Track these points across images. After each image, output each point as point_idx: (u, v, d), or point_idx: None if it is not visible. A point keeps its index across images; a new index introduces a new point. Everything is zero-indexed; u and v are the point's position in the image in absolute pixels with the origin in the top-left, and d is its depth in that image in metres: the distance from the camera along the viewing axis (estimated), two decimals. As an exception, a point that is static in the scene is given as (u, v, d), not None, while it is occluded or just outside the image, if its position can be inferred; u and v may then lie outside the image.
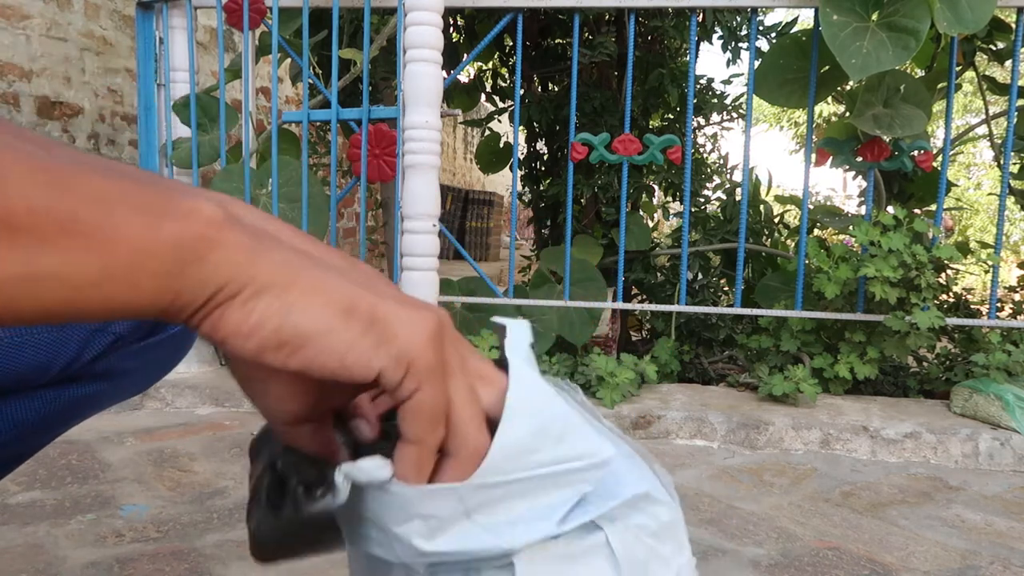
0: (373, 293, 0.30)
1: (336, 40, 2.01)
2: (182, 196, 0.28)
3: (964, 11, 1.73)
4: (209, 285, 0.28)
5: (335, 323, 0.29)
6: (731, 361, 2.45)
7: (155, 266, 0.26)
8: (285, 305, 0.28)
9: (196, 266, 0.27)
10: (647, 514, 0.39)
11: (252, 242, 0.28)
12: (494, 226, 7.16)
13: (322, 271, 0.30)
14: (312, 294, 0.29)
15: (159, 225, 0.26)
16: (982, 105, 2.40)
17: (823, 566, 1.15)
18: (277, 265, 0.29)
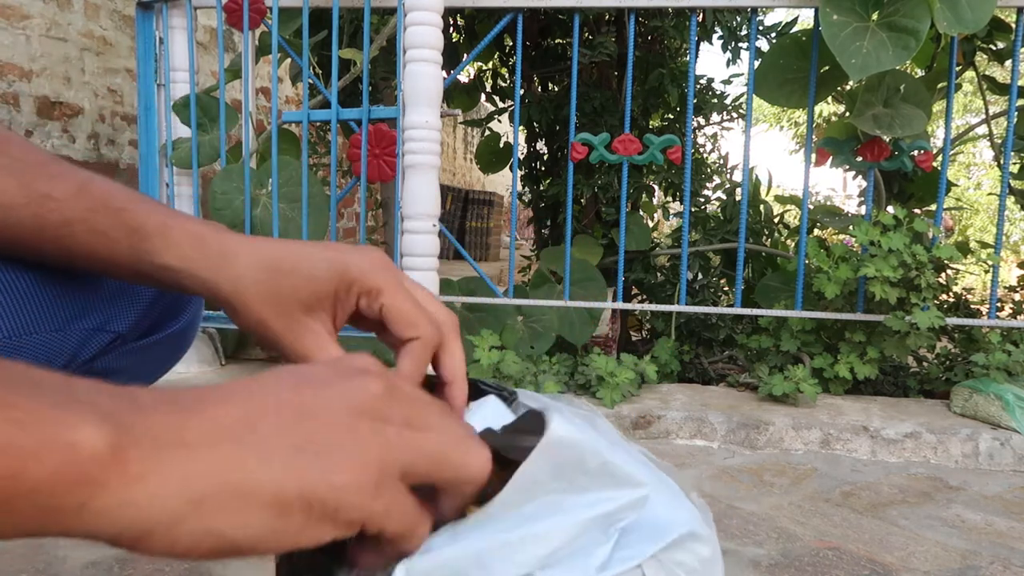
0: (302, 466, 0.28)
1: (336, 40, 2.01)
2: (65, 425, 0.24)
3: (964, 11, 1.73)
4: (102, 530, 0.25)
5: (273, 524, 0.27)
6: (731, 361, 2.45)
7: (25, 512, 0.23)
8: (212, 527, 0.26)
9: (76, 513, 0.24)
10: (687, 551, 0.38)
11: (150, 467, 0.25)
12: (494, 226, 7.15)
13: (241, 463, 0.27)
14: (237, 506, 0.27)
15: (24, 469, 0.23)
16: (982, 105, 2.40)
17: (823, 566, 1.15)
18: (186, 485, 0.26)
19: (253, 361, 2.31)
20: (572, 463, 0.36)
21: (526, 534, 0.34)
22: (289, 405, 0.29)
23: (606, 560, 0.35)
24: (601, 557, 0.35)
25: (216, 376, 2.08)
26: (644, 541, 0.36)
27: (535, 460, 0.34)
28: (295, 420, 0.29)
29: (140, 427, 0.26)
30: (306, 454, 0.28)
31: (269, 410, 0.29)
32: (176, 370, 1.87)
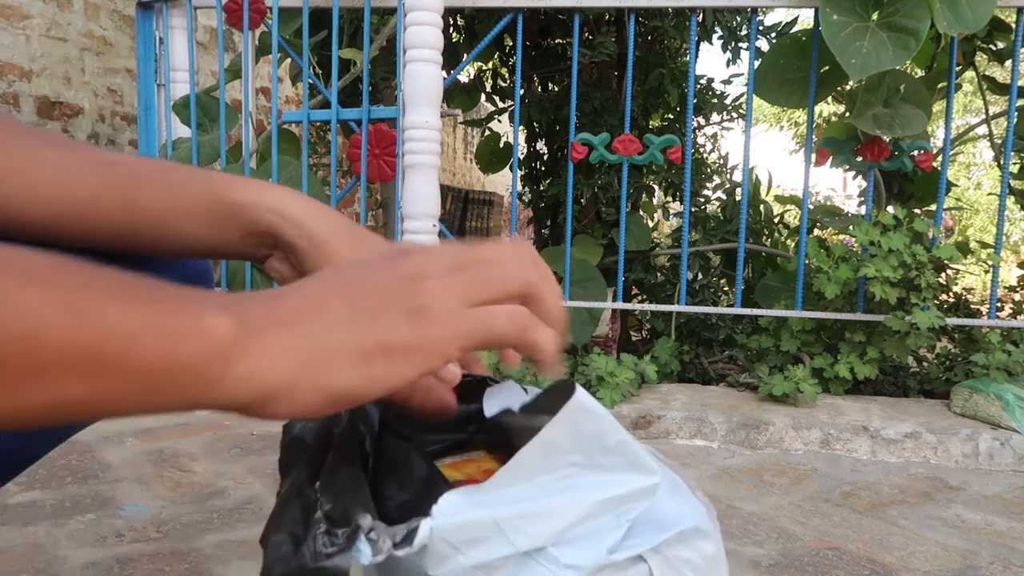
0: (370, 323, 0.34)
1: (336, 40, 2.01)
2: (196, 314, 0.30)
3: (964, 11, 1.73)
4: (236, 399, 0.31)
5: (364, 371, 0.33)
6: (731, 361, 2.45)
7: (177, 386, 0.29)
8: (318, 383, 0.33)
9: (217, 383, 0.30)
10: (692, 548, 0.38)
11: (264, 344, 0.31)
12: (494, 226, 7.15)
13: (326, 330, 0.33)
14: (332, 361, 0.33)
15: (176, 350, 0.29)
16: (982, 105, 2.40)
17: (823, 566, 1.15)
18: (292, 353, 0.32)
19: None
20: (593, 434, 0.37)
21: (542, 508, 0.35)
22: (349, 281, 0.36)
23: (616, 544, 0.36)
24: (612, 541, 0.36)
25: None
26: (651, 532, 0.37)
27: (560, 423, 0.36)
28: (355, 291, 0.35)
29: (247, 314, 0.32)
30: (367, 312, 0.34)
31: (334, 289, 0.35)
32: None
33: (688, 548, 0.38)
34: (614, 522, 0.36)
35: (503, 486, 0.35)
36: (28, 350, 0.26)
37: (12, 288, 0.26)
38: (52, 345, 0.27)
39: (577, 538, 0.35)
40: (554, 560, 0.34)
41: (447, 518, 0.33)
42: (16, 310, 0.26)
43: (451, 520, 0.33)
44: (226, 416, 1.87)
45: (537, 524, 0.35)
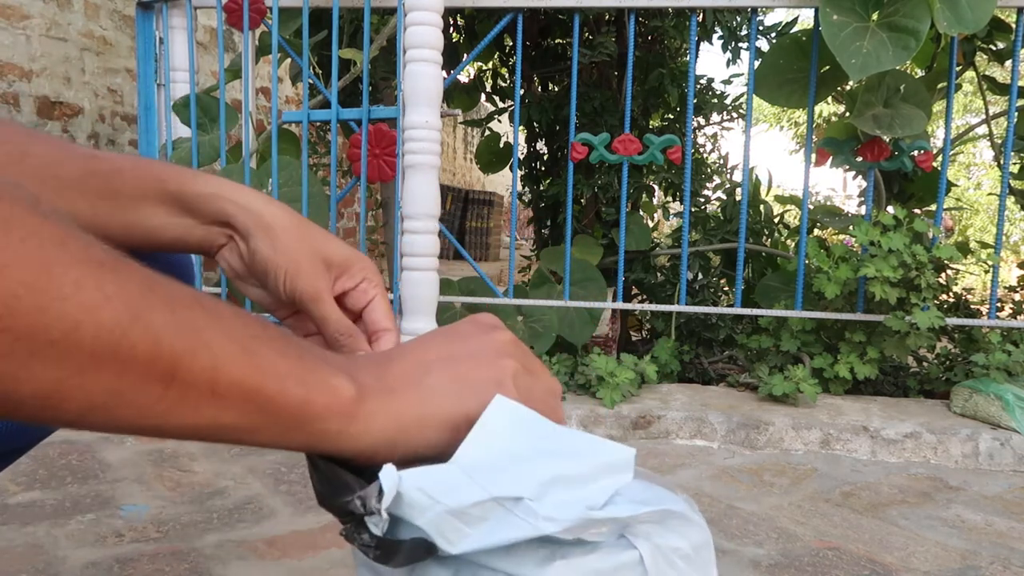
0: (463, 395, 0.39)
1: (336, 40, 2.01)
2: (329, 373, 0.36)
3: (964, 11, 1.73)
4: (346, 451, 0.37)
5: (447, 437, 0.38)
6: (731, 361, 2.45)
7: (303, 432, 0.35)
8: (411, 444, 0.38)
9: (336, 436, 0.36)
10: (680, 535, 0.38)
11: (374, 407, 0.37)
12: (494, 226, 7.16)
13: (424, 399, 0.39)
14: (424, 428, 0.38)
15: (311, 399, 0.35)
16: (982, 105, 2.40)
17: (823, 566, 1.15)
18: (396, 418, 0.38)
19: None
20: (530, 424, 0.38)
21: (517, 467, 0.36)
22: (448, 353, 0.41)
23: (597, 505, 0.36)
24: (593, 502, 0.36)
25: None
26: (635, 503, 0.37)
27: (488, 415, 0.38)
28: (453, 363, 0.40)
29: (363, 379, 0.38)
30: (464, 386, 0.40)
31: (433, 359, 0.41)
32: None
33: (678, 536, 0.38)
34: (596, 491, 0.37)
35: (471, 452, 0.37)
36: (210, 380, 0.31)
37: (205, 324, 0.32)
38: (227, 379, 0.32)
39: (558, 498, 0.36)
40: (532, 512, 0.35)
41: (416, 473, 0.35)
42: (207, 344, 0.31)
43: (420, 472, 0.35)
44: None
45: (510, 474, 0.36)
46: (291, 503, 1.32)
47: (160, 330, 0.30)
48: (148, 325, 0.29)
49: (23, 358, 0.27)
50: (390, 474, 0.34)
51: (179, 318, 0.31)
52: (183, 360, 0.30)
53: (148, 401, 0.30)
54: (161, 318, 0.30)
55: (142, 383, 0.30)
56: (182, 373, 0.30)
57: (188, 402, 0.31)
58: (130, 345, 0.29)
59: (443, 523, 0.34)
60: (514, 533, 0.34)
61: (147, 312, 0.30)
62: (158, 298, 0.30)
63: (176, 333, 0.30)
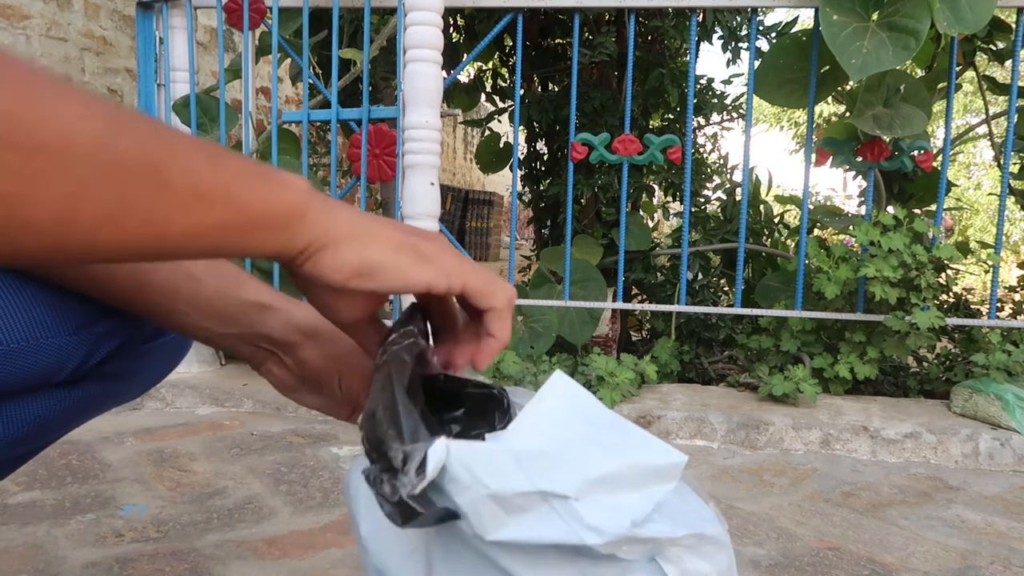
0: (416, 237, 0.44)
1: (336, 40, 2.01)
2: (290, 177, 0.40)
3: (964, 11, 1.73)
4: (306, 237, 0.40)
5: (394, 255, 0.43)
6: (731, 361, 2.45)
7: (275, 223, 0.39)
8: (359, 249, 0.42)
9: (298, 223, 0.40)
10: (709, 561, 0.38)
11: (330, 207, 0.41)
12: (494, 226, 7.15)
13: (378, 224, 0.43)
14: (376, 239, 0.42)
15: (279, 196, 0.39)
16: (982, 105, 2.40)
17: (823, 566, 1.15)
18: (349, 223, 0.42)
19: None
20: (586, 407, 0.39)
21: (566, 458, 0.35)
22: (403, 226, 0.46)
23: (640, 521, 0.35)
24: (637, 516, 0.35)
25: (216, 376, 2.08)
26: (670, 522, 0.36)
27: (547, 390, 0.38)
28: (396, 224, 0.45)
29: (320, 200, 0.41)
30: (406, 233, 0.44)
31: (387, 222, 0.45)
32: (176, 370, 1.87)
33: (704, 560, 0.37)
34: (641, 500, 0.36)
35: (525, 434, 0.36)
36: (192, 184, 0.35)
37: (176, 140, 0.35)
38: (207, 183, 0.36)
39: (603, 503, 0.34)
40: (577, 517, 0.34)
41: (465, 445, 0.34)
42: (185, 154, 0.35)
43: (470, 448, 0.34)
44: (226, 416, 1.87)
45: (559, 467, 0.34)
46: (291, 503, 1.32)
47: (144, 142, 0.34)
48: (133, 136, 0.33)
49: (33, 176, 0.30)
50: (439, 448, 0.34)
51: (156, 131, 0.35)
52: (167, 167, 0.34)
53: (149, 205, 0.34)
54: (141, 131, 0.34)
55: (141, 189, 0.33)
56: (169, 179, 0.34)
57: (180, 204, 0.35)
58: (121, 153, 0.32)
59: (483, 507, 0.33)
60: (554, 534, 0.33)
61: (127, 127, 0.33)
62: (128, 118, 0.34)
63: (156, 146, 0.34)
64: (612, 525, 0.34)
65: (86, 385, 0.56)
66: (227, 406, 1.94)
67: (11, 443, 0.53)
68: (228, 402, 1.94)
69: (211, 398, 1.95)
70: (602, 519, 0.34)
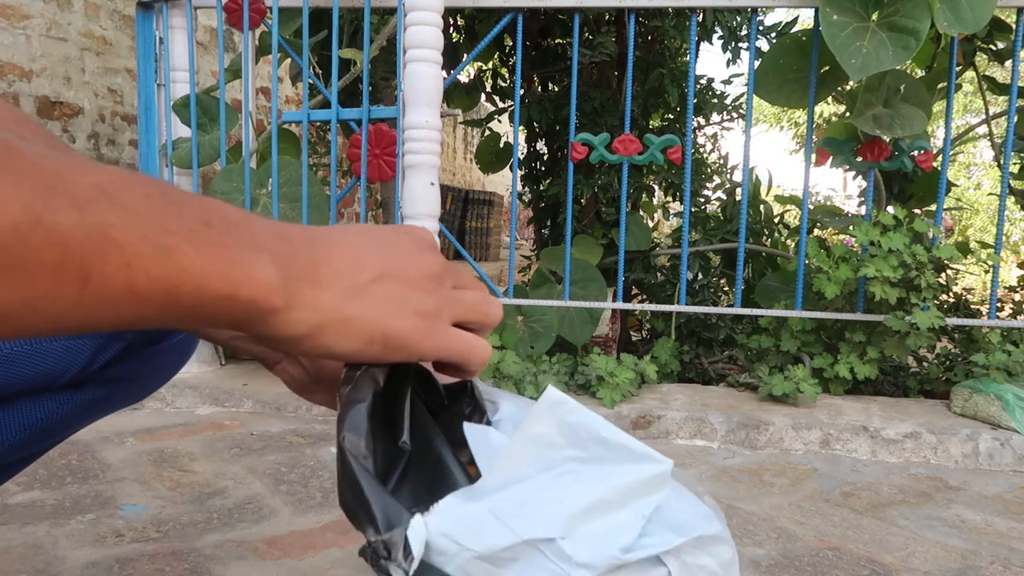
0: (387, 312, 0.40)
1: (336, 40, 2.01)
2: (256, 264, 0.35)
3: (964, 11, 1.73)
4: (266, 336, 0.37)
5: (363, 347, 0.40)
6: (731, 361, 2.45)
7: (227, 320, 0.35)
8: (323, 343, 0.39)
9: (258, 321, 0.36)
10: (710, 553, 0.38)
11: (296, 300, 0.37)
12: (494, 226, 7.15)
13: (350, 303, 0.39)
14: (342, 333, 0.39)
15: (236, 292, 0.34)
16: (982, 105, 2.40)
17: (823, 566, 1.15)
18: (315, 313, 0.38)
19: (251, 361, 2.31)
20: (580, 425, 0.37)
21: (546, 497, 0.35)
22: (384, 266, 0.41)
23: (631, 544, 0.35)
24: (627, 540, 0.35)
25: (216, 376, 2.08)
26: (667, 533, 0.36)
27: (537, 415, 0.37)
28: (389, 279, 0.41)
29: (294, 270, 0.37)
30: (387, 304, 0.40)
31: (370, 266, 0.41)
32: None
33: (706, 554, 0.37)
34: (629, 519, 0.36)
35: (500, 481, 0.36)
36: (127, 280, 0.30)
37: (115, 221, 0.30)
38: (143, 278, 0.31)
39: (590, 535, 0.34)
40: (565, 557, 0.34)
41: (443, 516, 0.34)
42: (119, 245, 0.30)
43: (447, 516, 0.34)
44: (226, 416, 1.87)
45: (540, 510, 0.34)
46: (291, 503, 1.32)
47: (67, 233, 0.28)
48: (52, 229, 0.28)
49: None
50: (417, 529, 0.34)
51: (86, 218, 0.29)
52: (94, 264, 0.29)
53: (65, 306, 0.29)
54: (67, 219, 0.28)
55: (55, 287, 0.29)
56: (96, 276, 0.29)
57: (107, 303, 0.30)
58: (35, 250, 0.27)
59: (473, 568, 0.34)
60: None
61: (49, 214, 0.28)
62: (61, 197, 0.28)
63: (84, 235, 0.29)
64: (602, 557, 0.34)
65: (90, 388, 0.56)
66: (227, 406, 1.94)
67: (14, 446, 0.53)
68: (228, 402, 1.94)
69: (211, 398, 1.95)
70: (591, 553, 0.34)
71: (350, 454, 0.37)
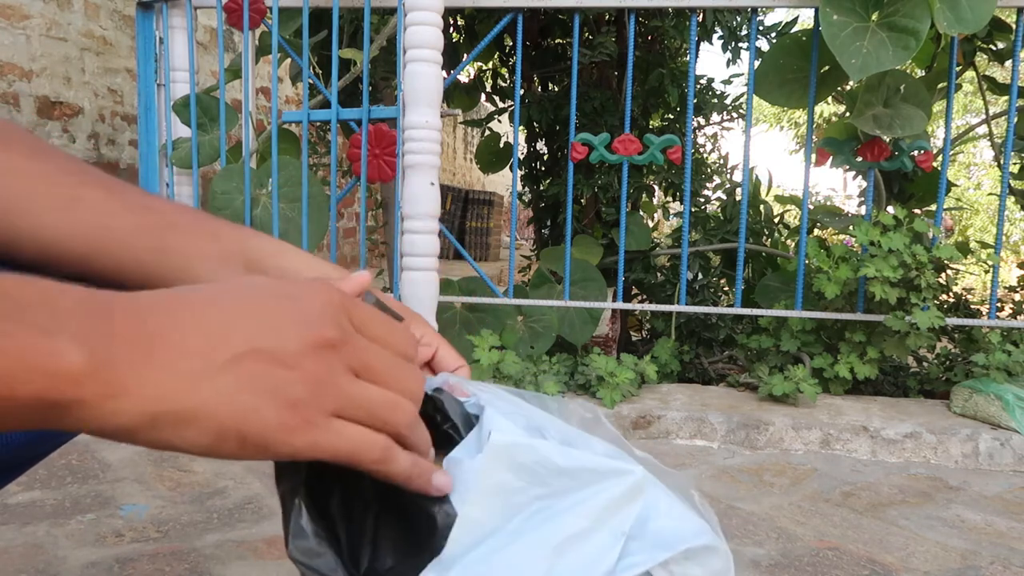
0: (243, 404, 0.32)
1: (336, 40, 2.01)
2: (39, 347, 0.27)
3: (964, 11, 1.73)
4: (80, 428, 0.30)
5: (213, 444, 0.32)
6: (731, 361, 2.45)
7: (15, 419, 0.28)
8: (162, 438, 0.31)
9: (59, 417, 0.29)
10: (701, 564, 0.36)
11: (115, 388, 0.29)
12: (494, 226, 7.15)
13: (192, 393, 0.31)
14: (183, 426, 0.31)
15: (12, 390, 0.27)
16: (982, 105, 2.40)
17: (823, 566, 1.15)
18: (145, 404, 0.30)
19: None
20: (534, 463, 0.35)
21: (518, 548, 0.33)
22: (254, 343, 0.33)
23: (612, 567, 0.34)
24: (608, 563, 0.34)
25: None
26: (653, 548, 0.35)
27: (489, 464, 0.34)
28: (246, 355, 0.32)
29: (113, 349, 0.30)
30: (246, 393, 0.32)
31: (232, 344, 0.32)
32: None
33: (695, 564, 0.36)
34: (606, 541, 0.34)
35: (468, 543, 0.33)
36: None
37: None
38: None
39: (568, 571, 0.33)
40: None
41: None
42: None
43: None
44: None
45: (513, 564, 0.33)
46: (291, 503, 1.32)
47: None
48: None
49: None
50: None
51: None
52: None
53: None
54: None
55: None
56: None
57: None
58: None
59: None
60: None
61: None
62: None
63: None
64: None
65: None
66: (227, 406, 1.93)
67: (15, 447, 0.53)
68: (228, 402, 1.94)
69: (211, 398, 1.94)
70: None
71: (303, 566, 0.35)
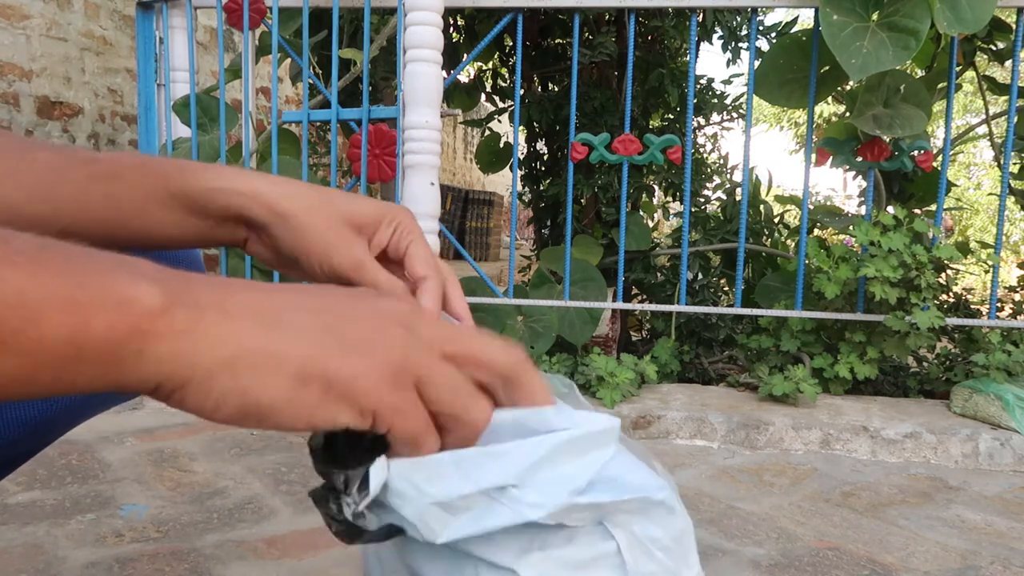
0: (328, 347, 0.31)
1: (336, 40, 2.01)
2: (115, 283, 0.27)
3: (964, 11, 1.73)
4: (151, 378, 0.28)
5: (293, 393, 0.30)
6: (731, 361, 2.45)
7: (88, 363, 0.27)
8: (240, 386, 0.29)
9: (134, 360, 0.27)
10: (660, 525, 0.38)
11: (194, 325, 0.28)
12: (494, 226, 7.15)
13: (273, 335, 0.30)
14: (264, 369, 0.30)
15: (87, 324, 0.26)
16: (982, 105, 2.40)
17: (823, 566, 1.15)
18: (223, 344, 0.29)
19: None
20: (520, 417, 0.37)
21: (501, 450, 0.35)
22: (324, 301, 0.33)
23: (580, 489, 0.36)
24: (576, 485, 0.36)
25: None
26: (616, 490, 0.37)
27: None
28: (329, 310, 0.33)
29: (187, 293, 0.29)
30: (335, 337, 0.31)
31: (307, 301, 0.33)
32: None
33: (656, 525, 0.38)
34: (578, 469, 0.36)
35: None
36: None
37: None
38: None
39: (541, 482, 0.35)
40: (517, 500, 0.35)
41: (407, 461, 0.34)
42: None
43: (411, 462, 0.34)
44: (226, 416, 1.87)
45: (497, 462, 0.35)
46: (291, 503, 1.32)
47: None
48: None
49: None
50: (379, 466, 0.34)
51: None
52: None
53: None
54: None
55: None
56: None
57: None
58: None
59: (428, 514, 0.34)
60: (498, 521, 0.35)
61: None
62: None
63: None
64: (553, 498, 0.35)
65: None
66: (227, 406, 1.93)
67: (10, 443, 0.53)
68: (228, 402, 1.94)
69: (211, 398, 1.95)
70: (542, 495, 0.35)
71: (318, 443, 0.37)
